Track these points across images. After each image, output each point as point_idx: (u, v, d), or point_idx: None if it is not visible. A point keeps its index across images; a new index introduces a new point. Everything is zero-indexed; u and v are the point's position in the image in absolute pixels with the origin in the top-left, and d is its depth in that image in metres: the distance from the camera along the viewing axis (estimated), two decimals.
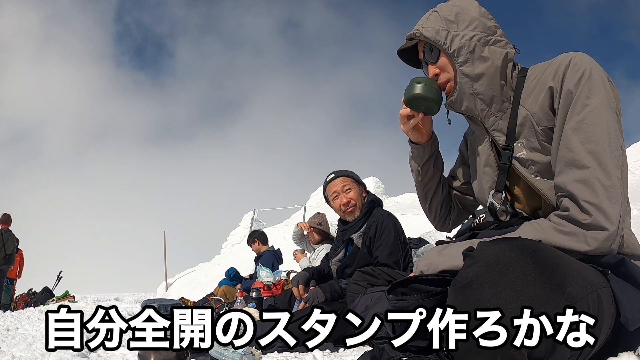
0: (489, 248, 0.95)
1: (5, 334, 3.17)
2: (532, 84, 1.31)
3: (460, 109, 1.38)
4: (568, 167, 1.14)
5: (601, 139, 1.11)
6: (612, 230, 1.06)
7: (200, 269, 15.82)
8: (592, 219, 1.07)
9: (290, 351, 2.24)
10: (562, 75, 1.21)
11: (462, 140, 1.64)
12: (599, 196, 1.07)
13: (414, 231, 5.44)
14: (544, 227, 1.13)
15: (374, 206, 2.90)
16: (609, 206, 1.07)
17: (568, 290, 0.92)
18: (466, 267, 0.95)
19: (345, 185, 2.88)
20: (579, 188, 1.10)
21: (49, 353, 2.02)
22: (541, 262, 0.92)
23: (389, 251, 2.68)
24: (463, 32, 1.32)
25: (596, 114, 1.13)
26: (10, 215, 9.30)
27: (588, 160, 1.11)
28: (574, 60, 1.20)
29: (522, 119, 1.29)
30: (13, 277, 9.53)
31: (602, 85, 1.16)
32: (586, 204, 1.08)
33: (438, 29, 1.34)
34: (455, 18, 1.33)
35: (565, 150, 1.15)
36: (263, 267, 4.73)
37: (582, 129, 1.13)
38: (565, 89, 1.19)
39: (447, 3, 1.39)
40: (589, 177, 1.09)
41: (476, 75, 1.32)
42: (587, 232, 1.07)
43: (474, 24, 1.32)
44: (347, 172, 2.95)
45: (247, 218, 21.07)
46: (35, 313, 5.74)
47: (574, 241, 1.08)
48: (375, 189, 25.66)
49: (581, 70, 1.18)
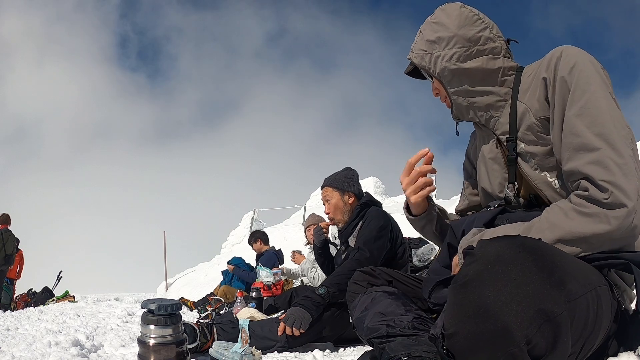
0: (489, 246, 0.95)
1: (5, 334, 3.17)
2: (528, 80, 1.34)
3: (465, 120, 1.46)
4: (577, 152, 1.15)
5: (606, 121, 1.13)
6: (632, 205, 1.07)
7: (200, 269, 15.81)
8: (612, 197, 1.08)
9: (290, 351, 2.25)
10: (555, 65, 1.24)
11: (465, 159, 1.69)
12: (615, 174, 1.08)
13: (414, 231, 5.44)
14: (566, 210, 1.13)
15: (366, 207, 2.93)
16: (625, 182, 1.08)
17: (568, 287, 0.92)
18: (466, 265, 0.95)
19: (326, 196, 2.99)
20: (594, 169, 1.11)
21: (49, 353, 2.02)
22: (541, 259, 0.92)
23: (365, 239, 2.70)
24: (444, 51, 1.37)
25: (597, 99, 1.16)
26: (9, 215, 9.31)
27: (597, 142, 1.12)
28: (565, 51, 1.24)
29: (521, 114, 1.32)
30: (13, 277, 9.53)
31: (596, 72, 1.19)
32: (604, 183, 1.09)
33: (423, 55, 1.42)
34: (436, 38, 1.38)
35: (571, 136, 1.17)
36: (263, 267, 4.72)
37: (586, 114, 1.15)
38: (559, 77, 1.21)
39: (430, 20, 1.44)
40: (601, 158, 1.11)
41: (465, 90, 1.39)
42: (608, 210, 1.08)
43: (452, 41, 1.36)
44: (331, 180, 3.02)
45: (247, 218, 21.06)
46: (35, 313, 5.74)
47: (597, 223, 1.09)
48: (375, 189, 25.65)
49: (574, 59, 1.21)
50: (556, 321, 0.87)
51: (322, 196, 3.05)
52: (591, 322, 0.98)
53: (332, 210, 2.96)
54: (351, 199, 2.96)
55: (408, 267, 3.02)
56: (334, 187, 2.98)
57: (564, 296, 0.90)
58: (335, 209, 2.95)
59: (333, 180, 3.01)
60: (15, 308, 8.66)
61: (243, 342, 1.94)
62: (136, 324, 3.85)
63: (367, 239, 2.68)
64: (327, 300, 2.39)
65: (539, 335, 0.86)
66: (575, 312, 0.92)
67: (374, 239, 2.68)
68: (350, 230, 2.91)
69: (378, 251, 2.65)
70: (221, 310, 5.39)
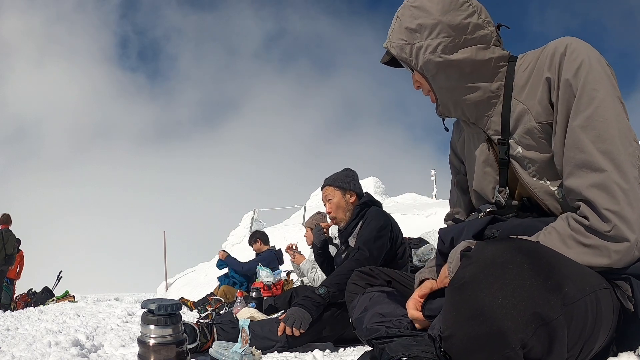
0: (486, 248, 0.95)
1: (5, 334, 3.17)
2: (525, 75, 1.22)
3: (452, 116, 1.33)
4: (580, 169, 1.07)
5: (613, 136, 1.05)
6: (634, 239, 1.01)
7: (200, 269, 15.79)
8: (614, 230, 1.01)
9: (290, 351, 2.26)
10: (559, 64, 1.13)
11: (451, 152, 1.56)
12: (620, 203, 1.01)
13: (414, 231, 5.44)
14: (564, 237, 1.07)
15: (366, 207, 2.94)
16: (630, 213, 1.01)
17: (565, 291, 0.91)
18: (463, 268, 0.95)
19: (328, 195, 3.00)
20: (598, 195, 1.03)
21: (49, 353, 2.02)
22: (538, 262, 0.92)
23: (364, 239, 2.70)
24: (427, 41, 1.22)
25: (604, 108, 1.06)
26: (9, 215, 9.31)
27: (603, 162, 1.04)
28: (570, 47, 1.13)
29: (518, 114, 1.21)
30: (13, 277, 9.54)
31: (604, 74, 1.10)
32: (607, 212, 1.02)
33: (402, 45, 1.26)
34: (417, 26, 1.23)
35: (574, 150, 1.08)
36: (263, 267, 4.72)
37: (592, 126, 1.06)
38: (564, 80, 1.12)
39: (408, 3, 1.27)
40: (606, 182, 1.03)
41: (451, 86, 1.25)
42: (609, 244, 1.02)
43: (437, 29, 1.21)
44: (332, 179, 3.03)
45: (247, 218, 21.04)
46: (35, 313, 5.74)
47: (596, 256, 1.04)
48: (375, 189, 25.60)
49: (579, 58, 1.11)
50: (552, 325, 0.87)
51: (322, 196, 3.05)
52: (590, 325, 0.97)
53: (334, 209, 2.96)
54: (352, 197, 2.97)
55: (408, 267, 3.02)
56: (335, 186, 2.98)
57: (560, 300, 0.89)
58: (337, 208, 2.95)
59: (334, 179, 3.01)
60: (15, 308, 8.66)
61: (243, 342, 1.94)
62: (136, 324, 3.86)
63: (366, 239, 2.68)
64: (327, 300, 2.39)
65: (535, 339, 0.85)
66: (572, 316, 0.92)
67: (374, 239, 2.68)
68: (350, 230, 2.92)
69: (378, 251, 2.66)
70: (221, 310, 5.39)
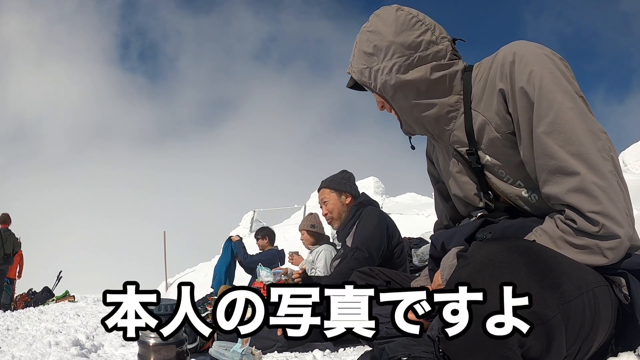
0: (482, 248, 0.95)
1: (5, 334, 3.17)
2: (480, 85, 1.22)
3: (416, 134, 1.36)
4: (555, 175, 1.07)
5: (580, 136, 1.04)
6: (623, 233, 1.02)
7: (200, 269, 15.81)
8: (603, 229, 1.01)
9: (290, 351, 2.26)
10: (509, 73, 1.13)
11: (428, 162, 1.58)
12: (602, 202, 1.01)
13: (414, 231, 5.43)
14: (555, 239, 1.07)
15: (362, 207, 2.97)
16: (613, 209, 1.01)
17: (562, 289, 0.92)
18: (459, 268, 0.95)
19: (324, 198, 3.08)
20: (579, 199, 1.03)
21: (49, 353, 2.02)
22: (534, 261, 0.92)
23: (362, 238, 2.73)
24: (383, 63, 1.24)
25: (565, 110, 1.05)
26: (9, 215, 9.31)
27: (575, 165, 1.03)
28: (518, 54, 1.12)
29: (479, 125, 1.22)
30: (13, 277, 9.53)
31: (558, 73, 1.08)
32: (592, 215, 1.02)
33: (362, 69, 1.30)
34: (374, 49, 1.26)
35: (545, 157, 1.08)
36: (263, 267, 4.70)
37: (557, 130, 1.06)
38: (518, 88, 1.11)
39: (365, 28, 1.30)
40: (583, 184, 1.03)
41: (409, 104, 1.27)
42: (600, 242, 1.03)
43: (391, 50, 1.23)
44: (328, 182, 3.09)
45: (247, 218, 21.06)
46: (35, 313, 5.73)
47: (590, 254, 1.04)
48: (375, 189, 25.63)
49: (530, 64, 1.10)
50: (549, 324, 0.87)
51: (319, 199, 3.12)
52: (588, 322, 0.98)
53: (330, 211, 3.03)
54: (348, 199, 3.03)
55: (407, 267, 3.03)
56: (331, 189, 3.06)
57: (557, 298, 0.90)
58: (333, 210, 3.02)
59: (330, 181, 3.08)
60: (15, 308, 8.66)
61: (243, 342, 1.94)
62: None
63: (363, 238, 2.72)
64: None
65: (533, 338, 0.85)
66: (570, 314, 0.92)
67: (371, 238, 2.72)
68: (347, 231, 2.96)
69: (376, 250, 2.69)
70: None
